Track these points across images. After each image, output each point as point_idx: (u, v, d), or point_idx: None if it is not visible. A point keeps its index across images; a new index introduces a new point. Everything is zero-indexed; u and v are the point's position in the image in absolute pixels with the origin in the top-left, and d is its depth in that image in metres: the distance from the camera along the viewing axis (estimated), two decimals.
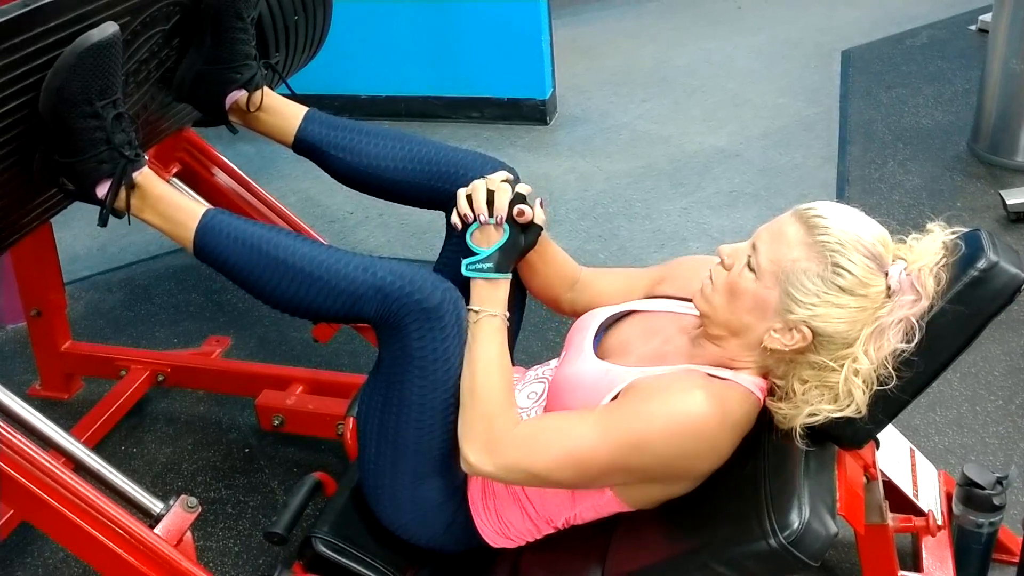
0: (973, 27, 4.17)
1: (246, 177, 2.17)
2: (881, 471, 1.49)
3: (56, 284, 2.19)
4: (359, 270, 1.29)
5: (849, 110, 3.60)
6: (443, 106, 3.80)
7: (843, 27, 4.38)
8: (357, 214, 3.15)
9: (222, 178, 2.14)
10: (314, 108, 1.61)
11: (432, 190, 1.51)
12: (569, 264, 1.50)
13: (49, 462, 1.31)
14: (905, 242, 1.19)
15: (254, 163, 3.35)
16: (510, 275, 1.31)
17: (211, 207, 1.36)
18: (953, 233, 1.20)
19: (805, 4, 4.74)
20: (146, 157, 1.33)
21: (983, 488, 1.54)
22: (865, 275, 1.13)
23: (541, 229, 1.36)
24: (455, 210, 1.33)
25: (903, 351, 1.15)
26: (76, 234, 3.09)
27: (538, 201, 1.36)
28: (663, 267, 1.47)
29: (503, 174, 1.36)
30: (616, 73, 4.17)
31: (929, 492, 1.62)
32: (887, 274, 1.14)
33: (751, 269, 1.18)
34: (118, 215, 1.33)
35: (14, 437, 1.30)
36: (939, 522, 1.54)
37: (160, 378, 2.23)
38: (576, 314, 1.48)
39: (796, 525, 1.10)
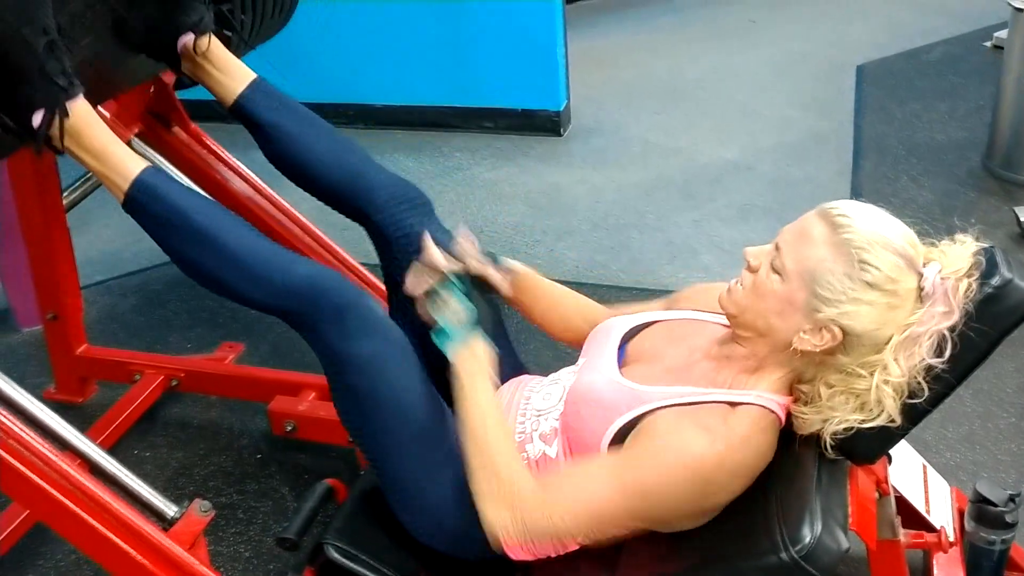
0: (988, 44, 4.17)
1: (259, 182, 2.18)
2: (893, 486, 1.49)
3: (73, 288, 2.21)
4: (283, 265, 1.33)
5: (862, 125, 3.61)
6: (457, 116, 3.82)
7: (857, 42, 4.39)
8: None
9: (237, 183, 2.15)
10: (263, 78, 1.61)
11: (345, 201, 1.59)
12: (580, 299, 1.54)
13: (65, 464, 1.32)
14: (936, 246, 1.18)
15: (268, 168, 3.35)
16: (477, 329, 1.33)
17: (152, 165, 1.37)
18: (980, 248, 1.19)
19: (819, 19, 4.75)
20: (81, 87, 1.31)
21: (995, 505, 1.53)
22: (893, 271, 1.12)
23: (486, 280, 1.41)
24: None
25: (934, 366, 1.14)
26: (91, 239, 3.11)
27: (498, 272, 1.42)
28: (677, 293, 1.50)
29: (434, 256, 1.37)
30: (629, 85, 4.19)
31: (941, 508, 1.61)
32: (921, 274, 1.13)
33: (776, 271, 1.18)
34: (56, 150, 1.33)
35: (31, 438, 1.31)
36: (951, 539, 1.54)
37: (174, 383, 2.24)
38: None
39: (808, 539, 1.10)
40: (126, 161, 1.34)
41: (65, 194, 2.12)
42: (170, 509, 1.40)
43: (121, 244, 3.10)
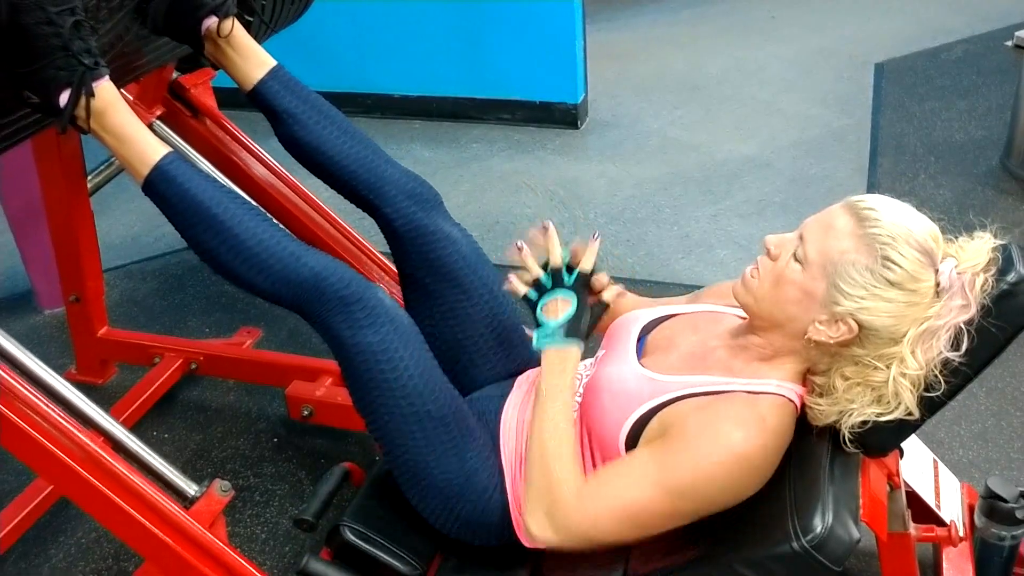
0: (1009, 43, 4.15)
1: (280, 168, 2.21)
2: (904, 481, 1.50)
3: (95, 271, 2.24)
4: (291, 256, 1.35)
5: (881, 122, 3.59)
6: (475, 107, 3.83)
7: (877, 39, 4.37)
8: None
9: (257, 169, 2.18)
10: (282, 66, 1.63)
11: (356, 193, 1.60)
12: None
13: (89, 441, 1.34)
14: (955, 242, 1.18)
15: (288, 158, 3.38)
16: (581, 344, 1.31)
17: (173, 151, 1.38)
18: (998, 245, 1.19)
19: (839, 15, 4.73)
20: (106, 68, 1.33)
21: (1006, 501, 1.54)
22: (915, 269, 1.12)
23: (607, 306, 1.35)
24: (517, 277, 1.34)
25: (951, 359, 1.15)
26: (112, 223, 3.15)
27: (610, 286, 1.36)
28: (695, 292, 1.51)
29: (553, 239, 1.34)
30: (647, 79, 4.19)
31: (951, 503, 1.62)
32: (937, 270, 1.13)
33: (797, 260, 1.18)
34: (81, 129, 1.35)
35: (57, 415, 1.34)
36: (961, 533, 1.55)
37: (193, 366, 2.27)
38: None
39: (819, 529, 1.11)
40: (148, 146, 1.36)
41: (89, 178, 2.15)
42: (191, 488, 1.42)
43: (141, 229, 3.14)
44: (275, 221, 1.43)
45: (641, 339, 1.38)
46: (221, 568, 1.35)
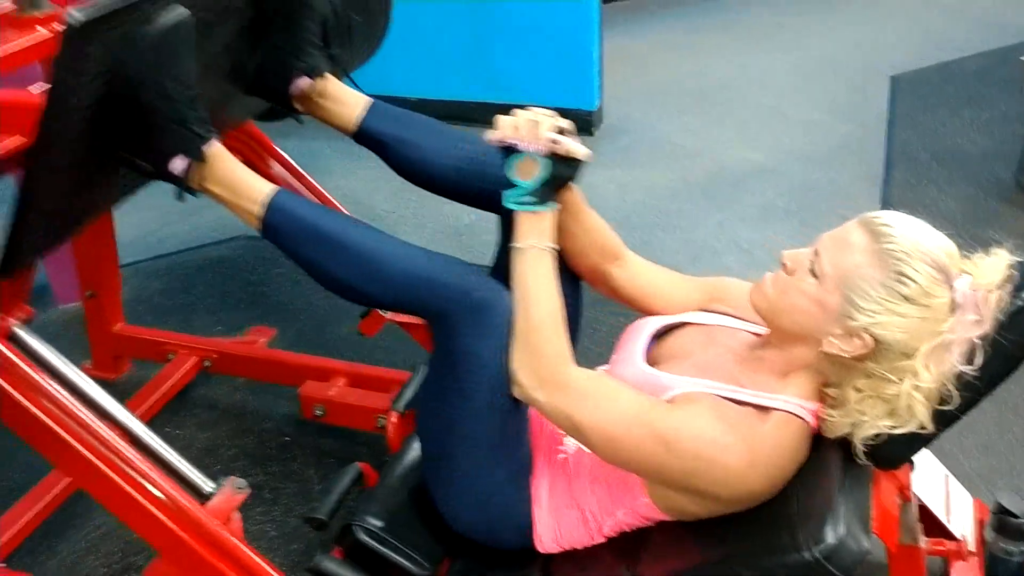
0: (1023, 57, 4.15)
1: (301, 170, 2.22)
2: (915, 494, 1.51)
3: (112, 267, 2.25)
4: (418, 264, 1.34)
5: (892, 133, 3.60)
6: (490, 112, 3.79)
7: (886, 48, 4.39)
8: (396, 213, 3.18)
9: (277, 169, 2.19)
10: (377, 100, 1.64)
11: (484, 194, 1.56)
12: (610, 235, 1.49)
13: (109, 434, 1.35)
14: (970, 258, 1.19)
15: (296, 159, 3.38)
16: (556, 206, 1.30)
17: (280, 187, 1.40)
18: (1014, 262, 1.20)
19: (849, 24, 4.75)
20: (215, 133, 1.36)
21: (1016, 517, 1.55)
22: (929, 285, 1.14)
23: (579, 163, 1.33)
24: (494, 131, 1.31)
25: (965, 374, 1.16)
26: (122, 221, 3.12)
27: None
28: (713, 284, 1.49)
29: (547, 112, 1.33)
30: (657, 86, 4.20)
31: (962, 518, 1.62)
32: (952, 287, 1.14)
33: (813, 275, 1.19)
34: (192, 192, 1.37)
35: (75, 406, 1.34)
36: (971, 548, 1.55)
37: (206, 364, 2.27)
38: (617, 296, 1.51)
39: (831, 539, 1.12)
40: (256, 188, 1.37)
41: None
42: (207, 485, 1.42)
43: (148, 228, 3.13)
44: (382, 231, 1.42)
45: (650, 344, 1.40)
46: (237, 565, 1.35)
